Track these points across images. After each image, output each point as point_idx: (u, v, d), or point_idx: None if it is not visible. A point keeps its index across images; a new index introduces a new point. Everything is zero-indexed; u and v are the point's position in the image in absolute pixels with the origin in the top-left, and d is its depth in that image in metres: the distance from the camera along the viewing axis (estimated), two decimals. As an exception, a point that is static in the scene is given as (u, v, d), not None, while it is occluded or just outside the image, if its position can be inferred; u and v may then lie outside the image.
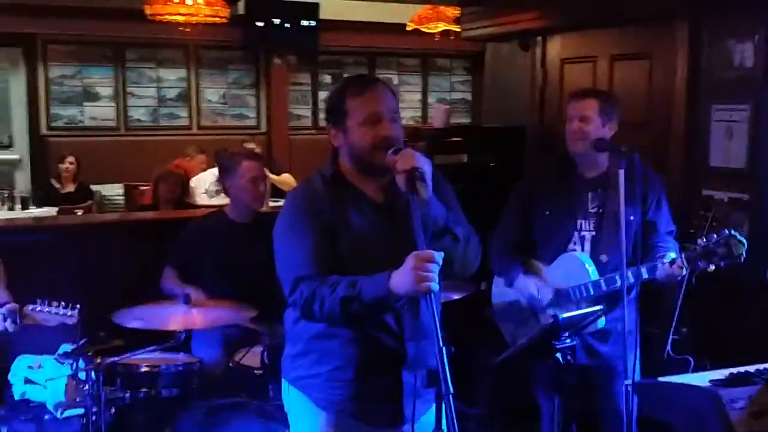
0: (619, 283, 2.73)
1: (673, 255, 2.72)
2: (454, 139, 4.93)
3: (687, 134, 3.67)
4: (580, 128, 2.94)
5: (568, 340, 2.11)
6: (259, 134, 8.50)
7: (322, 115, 8.96)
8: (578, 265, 2.93)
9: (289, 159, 8.13)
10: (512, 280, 3.12)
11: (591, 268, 2.91)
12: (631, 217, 2.84)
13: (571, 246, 3.00)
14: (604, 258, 2.93)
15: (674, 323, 3.13)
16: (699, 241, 2.70)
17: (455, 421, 1.80)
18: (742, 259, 2.62)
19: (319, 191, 2.20)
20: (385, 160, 2.08)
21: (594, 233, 2.98)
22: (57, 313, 2.73)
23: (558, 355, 2.12)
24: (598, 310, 2.26)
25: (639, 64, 4.04)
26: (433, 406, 1.92)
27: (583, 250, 2.98)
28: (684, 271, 2.70)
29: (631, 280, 2.76)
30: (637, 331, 2.88)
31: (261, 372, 3.04)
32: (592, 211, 2.99)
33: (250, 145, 6.89)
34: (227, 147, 6.01)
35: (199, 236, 3.62)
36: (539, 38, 4.65)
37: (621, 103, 3.13)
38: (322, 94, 8.96)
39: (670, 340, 3.10)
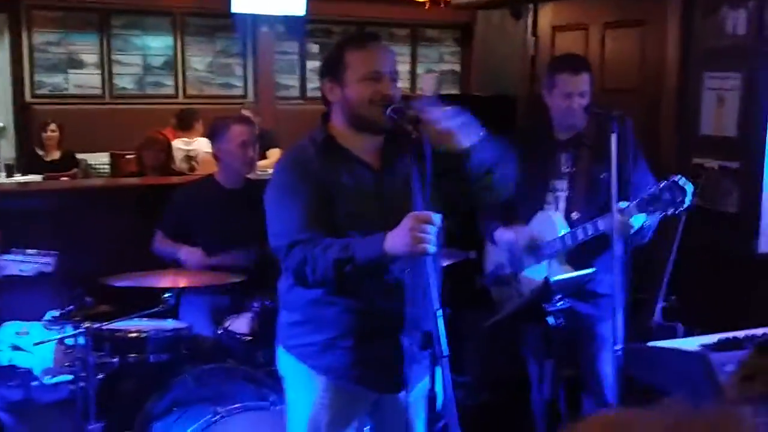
0: (580, 237, 2.84)
1: (624, 203, 2.75)
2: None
3: (678, 102, 3.67)
4: (580, 105, 2.96)
5: (560, 303, 2.11)
6: (246, 103, 8.41)
7: (310, 85, 8.90)
8: (549, 221, 2.99)
9: (277, 129, 8.06)
10: (493, 235, 3.16)
11: (560, 224, 2.97)
12: (602, 176, 2.89)
13: (546, 206, 3.05)
14: (575, 215, 2.99)
15: (663, 290, 3.14)
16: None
17: (451, 382, 1.80)
18: (686, 205, 2.67)
19: (309, 155, 2.17)
20: (379, 115, 2.05)
21: (567, 193, 3.04)
22: (34, 262, 2.66)
23: (549, 318, 2.11)
24: (590, 272, 2.25)
25: (631, 32, 4.02)
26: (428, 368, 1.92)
27: (557, 209, 3.04)
28: (640, 221, 2.74)
29: (590, 231, 2.83)
30: (623, 295, 2.90)
31: (250, 338, 3.03)
32: (566, 171, 3.04)
33: (246, 112, 6.83)
34: (214, 116, 5.96)
35: (187, 201, 3.60)
36: (530, 6, 4.61)
37: (613, 70, 3.11)
38: (310, 64, 8.87)
39: (659, 307, 3.11)
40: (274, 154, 6.75)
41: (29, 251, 2.63)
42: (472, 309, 3.45)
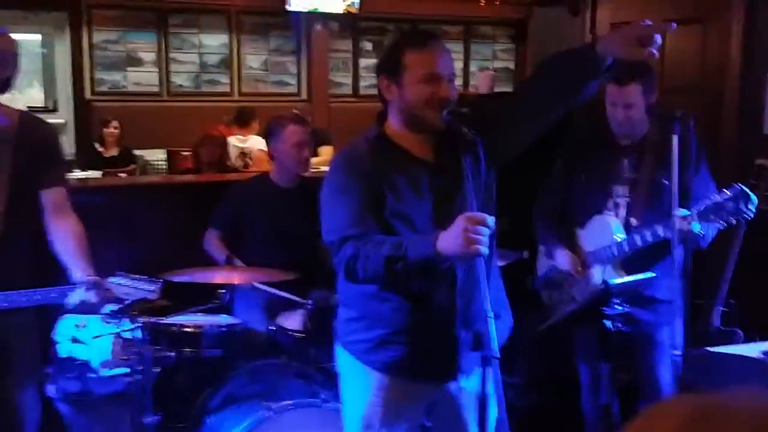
0: (638, 244, 2.79)
1: (686, 212, 2.68)
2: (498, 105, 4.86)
3: (740, 102, 3.58)
4: (626, 117, 2.90)
5: (618, 307, 2.07)
6: (299, 101, 8.47)
7: (362, 83, 8.92)
8: (605, 226, 2.94)
9: (329, 127, 8.10)
10: (551, 251, 3.13)
11: (617, 229, 2.91)
12: (665, 181, 2.81)
13: (605, 212, 3.00)
14: (634, 221, 2.93)
15: (723, 295, 3.07)
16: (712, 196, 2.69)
17: (501, 384, 1.79)
18: (751, 216, 2.61)
19: (363, 153, 2.17)
20: (435, 117, 2.05)
21: (629, 199, 2.97)
22: (138, 288, 2.65)
23: (606, 321, 2.07)
24: (649, 277, 2.21)
25: (692, 30, 3.93)
26: (479, 370, 1.91)
27: (617, 215, 2.97)
28: (697, 228, 2.65)
29: (649, 238, 2.77)
30: (682, 300, 2.84)
31: (303, 335, 3.04)
32: (627, 176, 2.98)
33: (297, 111, 6.89)
34: (268, 113, 6.02)
35: (242, 199, 3.64)
36: (588, 2, 4.54)
37: (672, 68, 3.04)
38: (363, 62, 8.88)
39: (718, 312, 3.04)
40: (326, 151, 6.79)
41: (134, 276, 2.62)
42: (524, 310, 3.42)
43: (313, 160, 6.07)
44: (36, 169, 2.59)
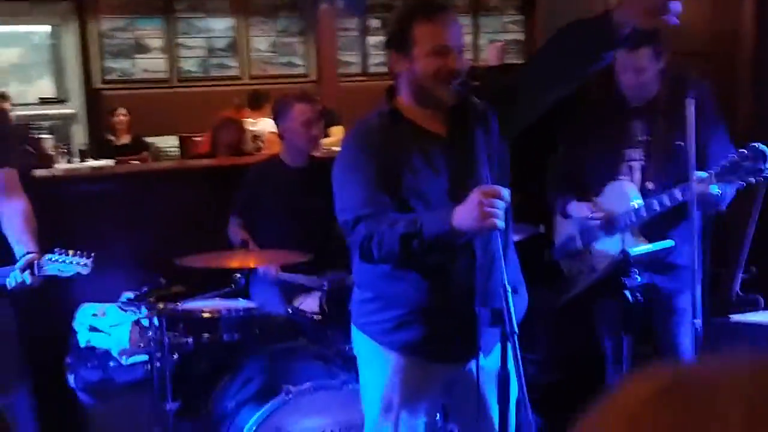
0: (657, 209, 2.74)
1: (704, 174, 2.65)
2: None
3: (754, 67, 3.50)
4: (637, 81, 2.86)
5: (639, 278, 2.04)
6: (308, 82, 8.43)
7: (371, 61, 8.85)
8: (622, 192, 2.89)
9: (339, 107, 8.06)
10: (566, 208, 3.08)
11: (634, 195, 2.86)
12: (679, 143, 2.76)
13: (620, 177, 2.95)
14: (650, 185, 2.88)
15: (743, 261, 3.02)
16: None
17: (521, 361, 1.76)
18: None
19: (375, 129, 2.14)
20: (445, 91, 2.01)
21: (642, 162, 2.92)
22: (72, 263, 2.70)
23: (627, 292, 2.04)
24: (668, 245, 2.17)
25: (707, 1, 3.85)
26: (499, 347, 1.89)
27: (632, 179, 2.93)
28: (715, 189, 2.64)
29: (667, 202, 2.73)
30: (702, 266, 2.80)
31: (320, 318, 3.03)
32: (640, 139, 2.93)
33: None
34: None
35: (254, 181, 3.63)
36: (599, -31, 4.46)
37: (684, 33, 2.97)
38: (371, 40, 8.81)
39: (739, 278, 3.00)
40: (337, 132, 6.75)
41: (69, 252, 2.68)
42: (542, 285, 3.39)
43: (324, 140, 6.05)
44: None
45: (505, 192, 1.86)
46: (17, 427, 2.68)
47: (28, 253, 2.58)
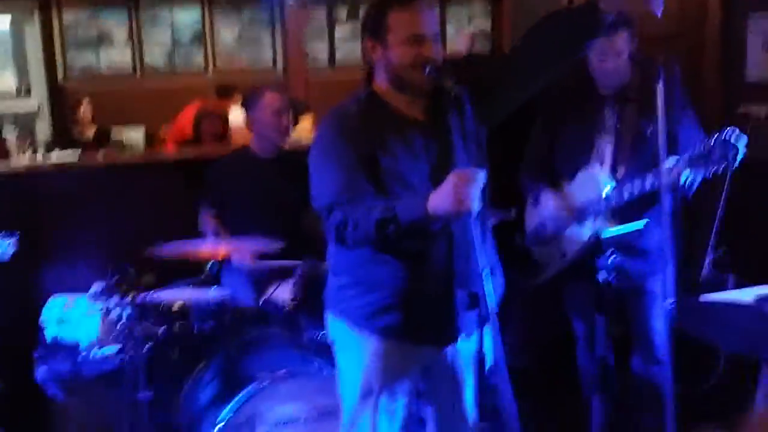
0: (626, 196, 2.76)
1: (671, 161, 2.67)
2: (477, 66, 4.81)
3: (722, 47, 3.53)
4: (615, 66, 2.86)
5: (611, 258, 2.05)
6: (276, 73, 8.38)
7: (339, 52, 8.82)
8: (593, 179, 2.90)
9: (307, 98, 8.02)
10: (537, 197, 3.09)
11: (604, 182, 2.88)
12: (649, 130, 2.80)
13: (591, 163, 2.95)
14: (620, 172, 2.89)
15: (713, 242, 3.05)
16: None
17: (501, 343, 1.77)
18: (737, 161, 2.60)
19: (353, 113, 2.12)
20: (421, 77, 2.01)
21: (612, 149, 2.93)
22: None
23: (600, 274, 2.06)
24: (640, 225, 2.19)
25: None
26: (476, 329, 1.89)
27: (602, 166, 2.94)
28: (684, 177, 2.66)
29: (637, 189, 2.75)
30: (673, 249, 2.82)
31: (293, 305, 3.02)
32: (610, 126, 2.93)
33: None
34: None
35: (223, 172, 3.60)
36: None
37: (649, 15, 2.99)
38: (339, 31, 8.78)
39: (709, 260, 3.03)
40: (305, 123, 6.73)
41: None
42: (513, 269, 3.41)
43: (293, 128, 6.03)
44: None
45: (481, 175, 1.87)
46: None
47: None
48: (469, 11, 9.25)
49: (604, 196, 2.86)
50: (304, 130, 6.58)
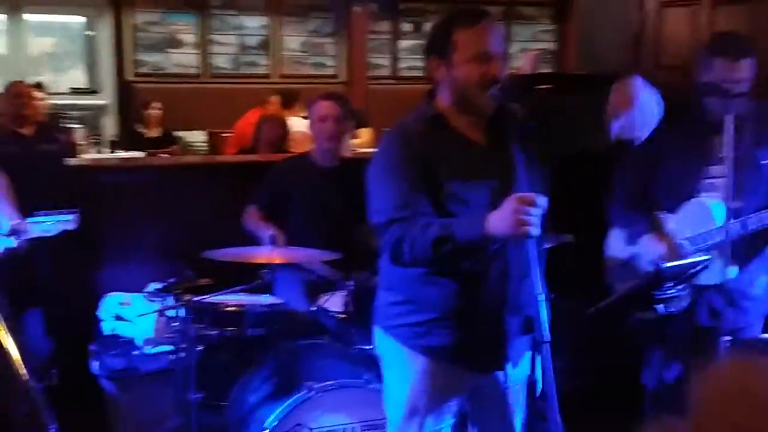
0: (743, 229, 2.61)
1: None
2: (542, 86, 4.77)
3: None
4: (740, 91, 2.66)
5: (672, 290, 2.01)
6: (337, 83, 8.45)
7: (401, 65, 8.85)
8: (704, 211, 2.73)
9: (368, 109, 8.07)
10: (635, 238, 2.92)
11: (718, 214, 2.69)
12: (765, 161, 2.68)
13: (701, 194, 2.79)
14: (736, 204, 2.69)
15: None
16: None
17: (551, 369, 1.75)
18: None
19: (415, 132, 2.12)
20: (486, 98, 2.00)
21: (725, 180, 2.70)
22: (57, 221, 2.79)
23: (659, 306, 2.02)
24: (705, 260, 2.14)
25: (743, 9, 3.81)
26: (528, 355, 1.87)
27: (715, 196, 2.74)
28: None
29: (756, 224, 2.61)
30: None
31: (344, 317, 3.03)
32: (723, 155, 2.69)
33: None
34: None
35: (283, 176, 3.64)
36: (637, -20, 4.44)
37: (666, 47, 2.91)
38: (402, 44, 8.82)
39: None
40: (365, 133, 6.77)
41: (51, 212, 2.78)
42: (568, 293, 3.37)
43: (353, 141, 6.08)
44: None
45: (541, 200, 1.85)
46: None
47: (8, 222, 2.63)
48: (534, 30, 9.21)
49: (720, 227, 2.67)
50: (363, 141, 6.64)
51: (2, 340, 1.73)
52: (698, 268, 2.14)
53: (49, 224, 2.76)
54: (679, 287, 2.08)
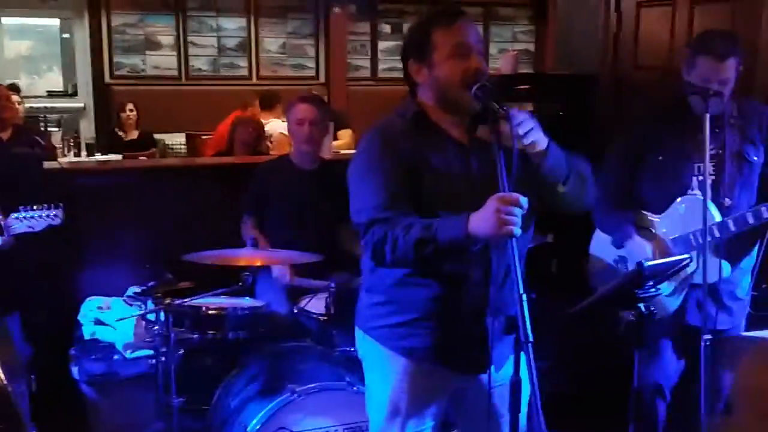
0: (735, 227, 2.61)
1: None
2: (521, 86, 4.79)
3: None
4: (721, 93, 2.64)
5: (652, 290, 2.02)
6: (317, 85, 8.44)
7: (381, 66, 8.87)
8: (696, 208, 2.69)
9: (348, 110, 8.07)
10: (622, 241, 2.91)
11: (714, 210, 2.68)
12: (755, 158, 2.69)
13: (689, 192, 2.77)
14: (727, 201, 2.71)
15: (753, 281, 2.97)
16: None
17: (534, 369, 1.74)
18: None
19: (398, 130, 2.10)
20: (469, 97, 1.99)
21: (714, 176, 2.74)
22: (41, 216, 2.75)
23: (641, 305, 2.03)
24: (685, 259, 2.15)
25: (721, 8, 3.83)
26: (511, 357, 1.87)
27: (703, 195, 2.70)
28: None
29: (751, 220, 2.58)
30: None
31: (326, 319, 3.02)
32: (711, 152, 2.70)
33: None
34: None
35: (264, 178, 3.64)
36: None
37: (646, 48, 2.92)
38: (382, 44, 8.83)
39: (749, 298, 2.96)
40: (345, 135, 6.76)
41: (35, 207, 2.75)
42: (549, 293, 3.38)
43: (333, 143, 6.07)
44: None
45: (523, 199, 1.85)
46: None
47: None
48: (512, 31, 9.25)
49: (712, 225, 2.65)
50: (343, 143, 6.63)
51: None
52: (680, 266, 2.15)
53: (35, 220, 2.71)
54: (660, 286, 2.08)
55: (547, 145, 2.02)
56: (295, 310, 3.14)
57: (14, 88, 5.95)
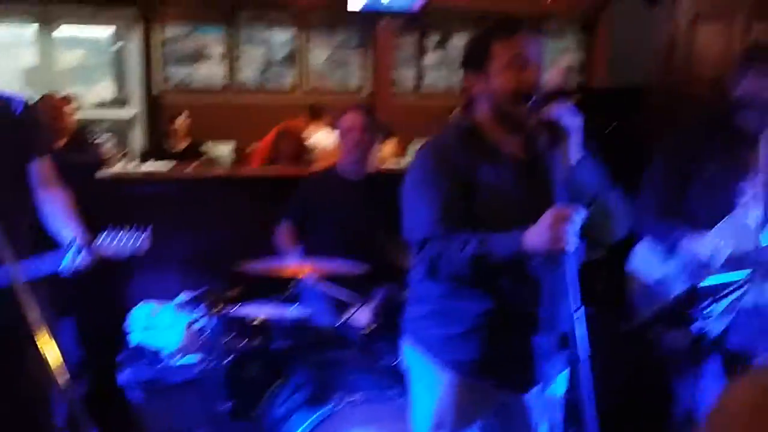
0: None
1: None
2: (569, 100, 4.74)
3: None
4: None
5: (708, 310, 1.98)
6: (363, 97, 8.48)
7: (426, 79, 8.87)
8: (744, 226, 2.64)
9: (393, 123, 8.09)
10: (675, 244, 2.81)
11: (760, 230, 2.63)
12: None
13: (738, 209, 2.71)
14: None
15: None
16: None
17: (591, 386, 1.72)
18: None
19: (452, 145, 2.09)
20: (523, 110, 1.98)
21: (763, 194, 2.68)
22: (127, 242, 2.66)
23: (694, 325, 1.98)
24: (742, 278, 2.10)
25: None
26: (565, 371, 1.85)
27: (755, 211, 2.67)
28: None
29: None
30: None
31: (371, 329, 3.02)
32: (759, 170, 2.66)
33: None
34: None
35: (310, 189, 3.65)
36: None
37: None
38: (427, 58, 8.84)
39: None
40: (388, 145, 6.78)
41: (121, 232, 2.62)
42: (598, 309, 3.33)
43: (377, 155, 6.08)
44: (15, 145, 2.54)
45: (578, 214, 1.83)
46: None
47: (76, 237, 2.52)
48: (560, 45, 9.18)
49: (763, 245, 2.59)
50: (387, 154, 6.65)
51: (44, 346, 1.72)
52: (735, 286, 2.10)
53: (123, 244, 2.59)
54: (715, 306, 2.03)
55: (580, 159, 1.97)
56: (341, 321, 3.15)
57: (68, 99, 6.07)
